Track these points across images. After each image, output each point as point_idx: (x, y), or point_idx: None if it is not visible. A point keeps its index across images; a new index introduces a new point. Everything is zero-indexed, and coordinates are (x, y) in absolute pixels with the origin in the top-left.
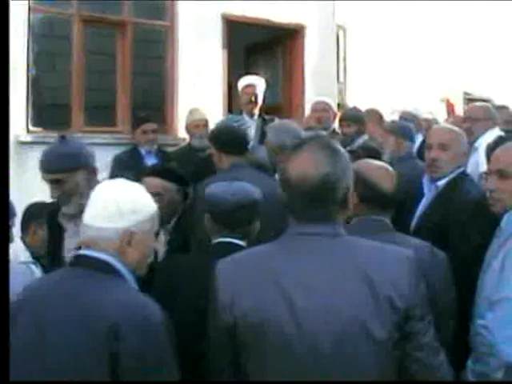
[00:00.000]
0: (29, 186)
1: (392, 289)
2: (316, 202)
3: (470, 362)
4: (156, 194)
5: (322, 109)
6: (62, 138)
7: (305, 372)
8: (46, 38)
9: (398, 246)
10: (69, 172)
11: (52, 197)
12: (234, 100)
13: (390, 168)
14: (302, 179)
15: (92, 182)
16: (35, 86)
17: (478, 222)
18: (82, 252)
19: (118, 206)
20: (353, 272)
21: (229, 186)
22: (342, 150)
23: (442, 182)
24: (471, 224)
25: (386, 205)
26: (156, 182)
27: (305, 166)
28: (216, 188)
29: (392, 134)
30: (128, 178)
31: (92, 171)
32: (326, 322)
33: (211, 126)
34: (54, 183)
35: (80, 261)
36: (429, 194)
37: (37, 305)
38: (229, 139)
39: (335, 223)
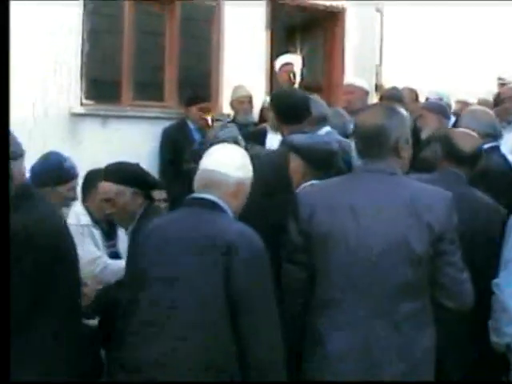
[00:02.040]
0: (83, 155)
1: (431, 216)
2: (373, 146)
3: (489, 321)
4: (107, 200)
5: (348, 91)
6: None
7: (357, 265)
8: (98, 15)
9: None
10: None
11: None
12: (275, 79)
13: (473, 132)
14: (364, 127)
15: None
16: (88, 62)
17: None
18: (197, 195)
19: (241, 160)
20: (402, 201)
21: (318, 137)
22: (401, 112)
23: None
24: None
25: (464, 162)
26: (107, 186)
27: (368, 118)
28: (307, 139)
29: (432, 112)
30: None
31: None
32: (379, 235)
33: (255, 102)
34: None
35: (196, 201)
36: None
37: (165, 233)
38: (289, 106)
39: (389, 164)
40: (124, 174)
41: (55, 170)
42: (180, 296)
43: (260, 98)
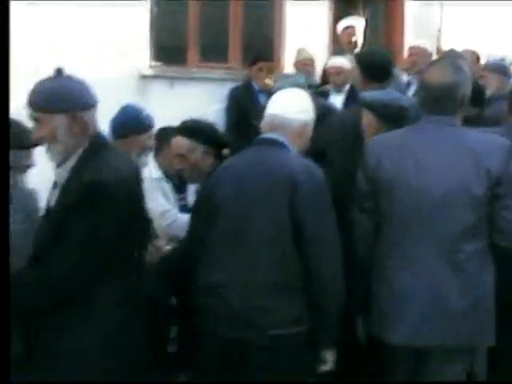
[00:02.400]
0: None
1: (490, 162)
2: (441, 100)
3: None
4: (179, 155)
5: (413, 53)
6: (58, 72)
7: (420, 209)
8: None
9: None
10: (46, 112)
11: (32, 138)
12: (337, 42)
13: None
14: (434, 83)
15: (75, 132)
16: (156, 27)
17: None
18: (264, 135)
19: (304, 103)
20: (463, 149)
21: (390, 94)
22: (464, 68)
23: None
24: None
25: None
26: (182, 142)
27: (437, 74)
28: (379, 95)
29: (494, 72)
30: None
31: (75, 119)
32: (440, 179)
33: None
34: (34, 122)
35: (265, 141)
36: None
37: (236, 170)
38: (375, 63)
39: (454, 117)
40: (198, 131)
41: (133, 121)
42: (252, 225)
43: (322, 60)
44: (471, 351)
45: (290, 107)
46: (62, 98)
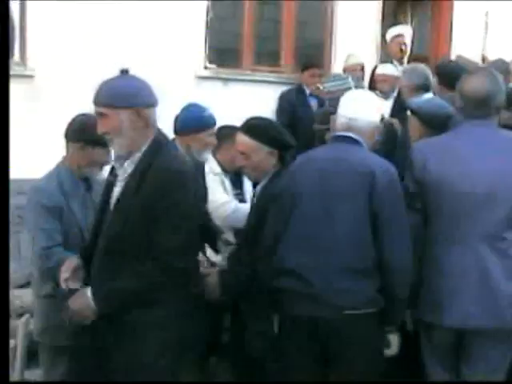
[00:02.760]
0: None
1: None
2: (481, 107)
3: None
4: (242, 153)
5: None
6: (123, 72)
7: (465, 208)
8: None
9: None
10: (111, 108)
11: (98, 131)
12: (384, 48)
13: None
14: (474, 91)
15: (138, 126)
16: (212, 29)
17: None
18: (341, 133)
19: (376, 106)
20: (502, 149)
21: (435, 101)
22: (500, 77)
23: None
24: None
25: None
26: (244, 139)
27: (477, 84)
28: (424, 102)
29: None
30: None
31: (139, 114)
32: (483, 178)
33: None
34: (99, 117)
35: (343, 138)
36: None
37: (319, 163)
38: (454, 72)
39: (492, 121)
40: (264, 131)
41: (196, 118)
42: (334, 213)
43: (371, 66)
44: None
45: (363, 109)
46: (128, 95)
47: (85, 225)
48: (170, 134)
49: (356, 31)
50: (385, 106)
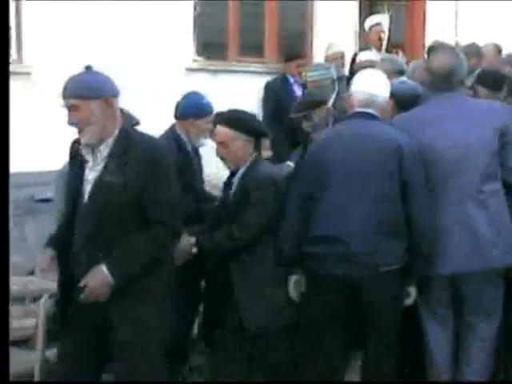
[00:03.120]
0: None
1: (495, 118)
2: (447, 80)
3: None
4: (220, 143)
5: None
6: (87, 68)
7: (444, 169)
8: None
9: None
10: (83, 99)
11: (68, 123)
12: (363, 36)
13: None
14: (440, 67)
15: (108, 114)
16: (199, 24)
17: None
18: (359, 109)
19: (387, 83)
20: (472, 113)
21: (407, 84)
22: (460, 53)
23: None
24: None
25: None
26: (222, 130)
27: (442, 60)
28: (397, 85)
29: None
30: None
31: (108, 103)
32: (458, 139)
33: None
34: (70, 109)
35: (363, 115)
36: None
37: (344, 138)
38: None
39: (458, 91)
40: (240, 121)
41: (196, 106)
42: (366, 182)
43: (350, 54)
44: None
45: (380, 86)
46: (97, 86)
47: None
48: (165, 121)
49: (335, 22)
50: None
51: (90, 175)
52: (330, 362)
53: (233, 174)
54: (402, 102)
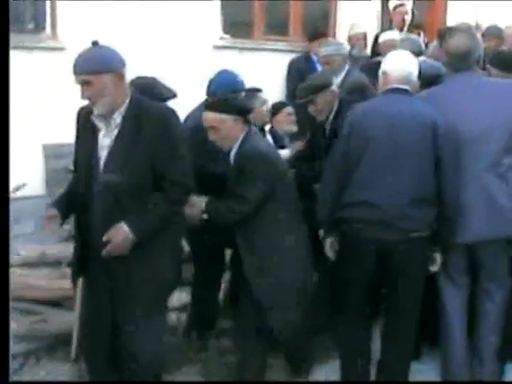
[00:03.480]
0: None
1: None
2: (464, 60)
3: None
4: (211, 128)
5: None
6: (94, 43)
7: (466, 144)
8: None
9: None
10: (95, 74)
11: (82, 97)
12: (385, 18)
13: None
14: (457, 47)
15: (119, 86)
16: (226, 2)
17: None
18: (396, 86)
19: (415, 61)
20: (491, 92)
21: (428, 63)
22: (477, 35)
23: None
24: None
25: None
26: (210, 115)
27: (459, 41)
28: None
29: None
30: None
31: (119, 76)
32: (483, 116)
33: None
34: (83, 85)
35: (399, 90)
36: None
37: (383, 111)
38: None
39: (474, 71)
40: (224, 104)
41: (229, 83)
42: (402, 153)
43: (373, 34)
44: None
45: (412, 64)
46: (108, 61)
47: None
48: (193, 97)
49: (358, 2)
50: None
51: (105, 141)
52: (358, 318)
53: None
54: (425, 80)
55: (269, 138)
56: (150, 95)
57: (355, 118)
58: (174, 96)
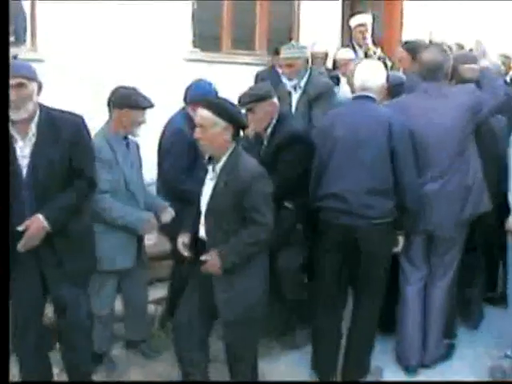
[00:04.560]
0: None
1: (469, 106)
2: (433, 72)
3: None
4: (201, 126)
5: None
6: (15, 57)
7: (427, 148)
8: None
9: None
10: (29, 80)
11: (11, 98)
12: (345, 34)
13: None
14: (429, 61)
15: (37, 96)
16: (196, 18)
17: None
18: (361, 93)
19: (382, 71)
20: (453, 99)
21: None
22: (448, 50)
23: None
24: None
25: None
26: (204, 113)
27: (431, 54)
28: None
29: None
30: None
31: (40, 87)
32: (441, 122)
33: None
34: (16, 87)
35: (363, 97)
36: None
37: (348, 115)
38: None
39: (441, 83)
40: (222, 107)
41: (206, 90)
42: (363, 150)
43: (334, 45)
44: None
45: (374, 73)
46: (34, 71)
47: (129, 175)
48: (164, 106)
49: (320, 18)
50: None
51: (25, 151)
52: (331, 298)
53: (210, 159)
54: (389, 88)
55: None
56: (130, 104)
57: (326, 122)
58: (151, 106)
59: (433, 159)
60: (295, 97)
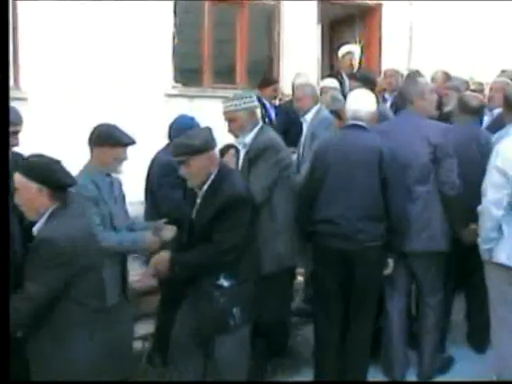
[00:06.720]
0: None
1: (433, 137)
2: (403, 100)
3: None
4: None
5: (390, 75)
6: None
7: (401, 166)
8: (186, 13)
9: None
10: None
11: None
12: (324, 65)
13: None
14: (400, 89)
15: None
16: (177, 53)
17: None
18: (353, 122)
19: (373, 100)
20: (415, 129)
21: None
22: (419, 81)
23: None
24: None
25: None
26: (17, 178)
27: (404, 83)
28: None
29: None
30: None
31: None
32: (408, 147)
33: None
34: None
35: (355, 126)
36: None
37: (340, 144)
38: None
39: (409, 110)
40: (33, 169)
41: (189, 126)
42: (355, 178)
43: (312, 78)
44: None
45: (365, 103)
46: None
47: (113, 211)
48: (147, 141)
49: (299, 50)
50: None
51: None
52: (331, 317)
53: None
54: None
55: None
56: (110, 141)
57: (320, 149)
58: (133, 142)
59: (409, 179)
60: (242, 153)
